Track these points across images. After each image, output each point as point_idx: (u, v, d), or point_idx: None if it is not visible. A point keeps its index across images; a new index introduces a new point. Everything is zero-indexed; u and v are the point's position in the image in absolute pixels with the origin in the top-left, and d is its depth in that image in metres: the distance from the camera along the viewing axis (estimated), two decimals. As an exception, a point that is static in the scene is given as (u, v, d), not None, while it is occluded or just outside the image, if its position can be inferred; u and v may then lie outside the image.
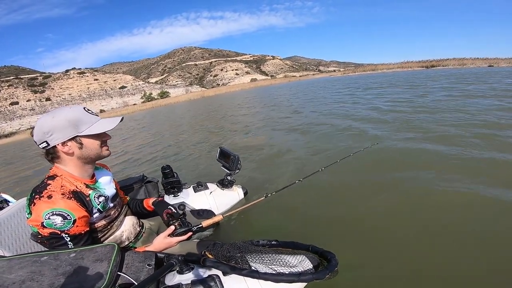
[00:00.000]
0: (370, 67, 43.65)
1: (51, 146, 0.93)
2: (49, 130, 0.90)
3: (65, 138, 0.92)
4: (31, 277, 0.67)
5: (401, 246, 1.61)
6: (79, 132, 0.94)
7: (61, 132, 0.91)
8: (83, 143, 0.96)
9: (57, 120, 0.91)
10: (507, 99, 5.74)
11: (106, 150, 1.05)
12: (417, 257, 1.50)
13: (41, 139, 0.92)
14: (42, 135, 0.91)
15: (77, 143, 0.95)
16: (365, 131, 4.53)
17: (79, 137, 0.95)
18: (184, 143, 6.08)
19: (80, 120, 0.94)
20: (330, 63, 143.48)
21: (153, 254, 0.89)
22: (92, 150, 1.00)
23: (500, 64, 25.12)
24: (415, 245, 1.61)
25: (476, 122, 4.07)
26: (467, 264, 1.40)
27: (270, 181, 2.91)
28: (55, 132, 0.91)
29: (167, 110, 22.94)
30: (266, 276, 0.78)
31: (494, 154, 2.74)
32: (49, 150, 0.95)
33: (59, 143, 0.92)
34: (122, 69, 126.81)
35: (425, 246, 1.58)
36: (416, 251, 1.54)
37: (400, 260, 1.49)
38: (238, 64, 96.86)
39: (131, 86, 63.62)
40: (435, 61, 32.84)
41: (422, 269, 1.41)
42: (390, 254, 1.55)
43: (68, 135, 0.92)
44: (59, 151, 0.95)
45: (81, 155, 0.98)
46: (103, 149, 1.03)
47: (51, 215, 0.85)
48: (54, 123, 0.90)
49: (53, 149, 0.94)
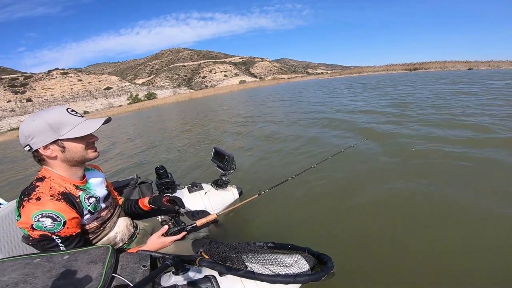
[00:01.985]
0: (357, 69, 44.61)
1: (34, 149, 0.91)
2: (29, 134, 0.88)
3: (46, 142, 0.90)
4: (24, 279, 0.66)
5: (397, 243, 1.64)
6: (60, 135, 0.91)
7: (41, 136, 0.89)
8: (65, 147, 0.93)
9: (37, 124, 0.88)
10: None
11: (92, 152, 1.01)
12: (413, 257, 1.51)
13: (24, 143, 0.90)
14: (24, 138, 0.89)
15: (59, 146, 0.92)
16: (355, 127, 4.67)
17: (61, 141, 0.92)
18: (177, 144, 6.03)
19: (61, 123, 0.91)
20: (318, 66, 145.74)
21: (148, 255, 0.88)
22: (76, 153, 0.96)
23: (479, 67, 26.28)
24: (411, 242, 1.63)
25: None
26: (465, 260, 1.43)
27: (263, 179, 2.94)
28: (35, 136, 0.88)
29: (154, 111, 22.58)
30: (262, 277, 0.78)
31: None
32: (33, 153, 0.93)
33: (40, 147, 0.90)
34: (108, 70, 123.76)
35: (422, 245, 1.60)
36: (413, 250, 1.56)
37: (396, 259, 1.51)
38: (227, 65, 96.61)
39: (117, 87, 62.14)
40: (418, 64, 33.96)
41: (418, 269, 1.42)
42: (384, 252, 1.58)
43: (49, 139, 0.90)
44: (43, 155, 0.92)
45: (64, 158, 0.95)
46: (88, 152, 1.00)
47: (41, 217, 0.83)
48: (34, 127, 0.88)
49: (37, 152, 0.92)
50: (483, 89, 8.30)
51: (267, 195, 1.51)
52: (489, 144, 3.01)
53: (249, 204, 1.42)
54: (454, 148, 3.05)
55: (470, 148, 2.96)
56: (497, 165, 2.52)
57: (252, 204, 1.44)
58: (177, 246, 1.13)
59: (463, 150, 2.96)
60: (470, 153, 2.84)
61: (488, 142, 3.10)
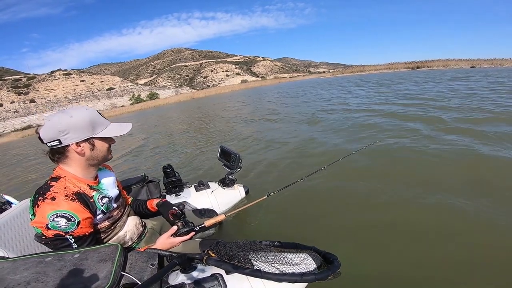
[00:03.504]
0: (358, 68, 44.47)
1: (64, 145, 0.91)
2: (65, 128, 0.89)
3: (81, 138, 0.93)
4: (36, 278, 0.67)
5: (407, 247, 1.61)
6: (95, 133, 0.96)
7: (78, 132, 0.92)
8: (95, 145, 0.98)
9: (76, 119, 0.91)
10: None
11: (110, 154, 1.07)
12: (421, 259, 1.50)
13: (54, 137, 0.90)
14: (57, 133, 0.89)
15: (90, 144, 0.96)
16: (368, 128, 4.58)
17: (93, 139, 0.97)
18: (184, 143, 6.04)
19: (97, 122, 0.97)
20: (320, 64, 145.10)
21: (156, 253, 0.88)
22: (102, 152, 1.01)
23: (482, 65, 26.05)
24: (419, 247, 1.60)
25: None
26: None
27: (272, 179, 2.91)
28: (71, 131, 0.90)
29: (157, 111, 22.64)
30: (269, 275, 0.78)
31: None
32: (58, 149, 0.93)
33: (73, 143, 0.92)
34: (110, 70, 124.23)
35: (432, 248, 1.57)
36: (421, 254, 1.54)
37: (404, 262, 1.50)
38: (229, 65, 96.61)
39: (119, 87, 62.35)
40: (421, 62, 33.75)
41: (426, 271, 1.41)
42: (393, 256, 1.56)
43: (84, 135, 0.93)
44: (70, 151, 0.94)
45: (90, 156, 0.98)
46: (109, 153, 1.06)
47: (55, 217, 0.84)
48: (73, 122, 0.90)
49: (64, 149, 0.93)
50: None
51: (275, 196, 1.50)
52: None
53: (257, 205, 1.42)
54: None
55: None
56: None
57: (260, 204, 1.43)
58: (185, 246, 1.14)
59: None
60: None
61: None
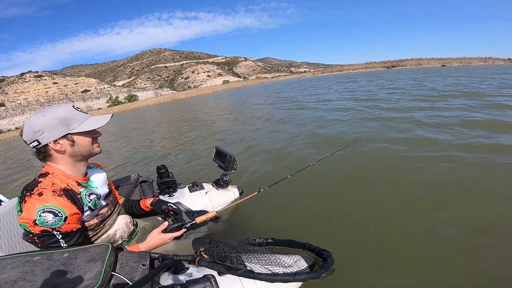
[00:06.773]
0: (338, 68, 45.73)
1: (43, 144, 0.93)
2: (39, 129, 0.90)
3: (57, 136, 0.93)
4: (23, 277, 0.65)
5: (397, 238, 1.66)
6: (70, 129, 0.95)
7: (52, 131, 0.92)
8: (74, 141, 0.97)
9: (47, 119, 0.91)
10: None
11: (97, 147, 1.06)
12: (413, 252, 1.54)
13: (32, 138, 0.91)
14: (33, 134, 0.91)
15: (69, 140, 0.96)
16: (353, 126, 4.74)
17: (71, 135, 0.96)
18: (176, 144, 5.91)
19: (71, 118, 0.96)
20: (301, 64, 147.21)
21: (147, 254, 0.87)
22: (84, 147, 1.01)
23: (452, 64, 27.67)
24: (410, 238, 1.65)
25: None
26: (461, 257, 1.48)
27: (262, 176, 2.94)
28: (45, 130, 0.91)
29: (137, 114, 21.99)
30: (261, 276, 0.78)
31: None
32: (40, 149, 0.94)
33: (50, 142, 0.93)
34: (85, 72, 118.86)
35: (428, 238, 1.62)
36: (412, 245, 1.58)
37: (395, 255, 1.54)
38: (210, 66, 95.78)
39: (95, 89, 59.82)
40: (395, 61, 35.27)
41: (418, 263, 1.46)
42: (384, 248, 1.60)
43: (60, 133, 0.93)
44: (51, 150, 0.94)
45: (73, 152, 0.98)
46: (94, 146, 1.04)
47: (42, 212, 0.84)
48: (45, 122, 0.91)
49: (45, 148, 0.94)
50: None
51: (266, 193, 1.51)
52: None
53: (249, 202, 1.42)
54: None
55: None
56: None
57: (252, 201, 1.43)
58: (178, 245, 1.13)
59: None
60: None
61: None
